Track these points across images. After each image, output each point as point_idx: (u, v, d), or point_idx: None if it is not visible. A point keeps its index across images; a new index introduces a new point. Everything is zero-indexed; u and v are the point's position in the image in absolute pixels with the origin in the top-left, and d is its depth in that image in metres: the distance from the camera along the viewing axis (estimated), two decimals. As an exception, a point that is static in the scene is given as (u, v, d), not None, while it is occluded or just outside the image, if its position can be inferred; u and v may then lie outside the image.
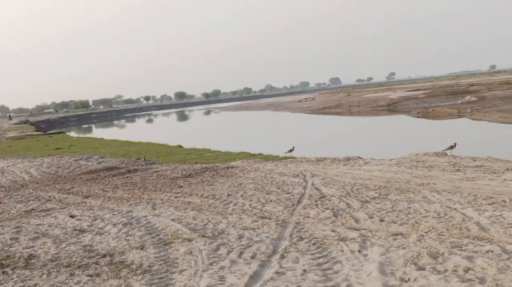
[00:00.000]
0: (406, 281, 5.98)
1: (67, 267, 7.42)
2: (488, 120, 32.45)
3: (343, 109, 59.03)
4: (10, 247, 8.74)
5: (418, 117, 40.74)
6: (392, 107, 53.30)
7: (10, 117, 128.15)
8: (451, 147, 17.11)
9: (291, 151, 19.88)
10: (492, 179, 11.67)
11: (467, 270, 6.12)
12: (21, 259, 8.01)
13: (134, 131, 63.21)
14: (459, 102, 45.86)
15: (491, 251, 6.70)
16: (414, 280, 5.98)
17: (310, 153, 19.30)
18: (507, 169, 12.86)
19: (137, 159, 21.15)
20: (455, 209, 9.06)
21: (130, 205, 11.78)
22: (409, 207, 9.47)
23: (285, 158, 18.82)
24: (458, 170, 13.18)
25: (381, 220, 8.76)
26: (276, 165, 16.73)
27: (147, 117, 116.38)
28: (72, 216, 10.85)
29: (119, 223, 9.91)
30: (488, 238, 7.36)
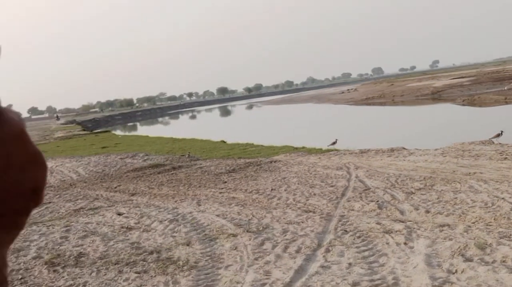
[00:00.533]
0: (453, 273, 5.92)
1: (115, 264, 7.58)
2: (536, 106, 31.67)
3: (386, 100, 58.38)
4: (60, 246, 8.96)
5: (463, 105, 40.00)
6: (436, 96, 52.46)
7: (57, 118, 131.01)
8: (498, 135, 16.75)
9: (334, 143, 19.79)
10: (541, 167, 11.41)
11: (516, 261, 6.02)
12: (71, 257, 8.21)
13: (178, 128, 63.78)
14: (505, 88, 44.77)
15: (541, 241, 6.57)
16: (462, 271, 5.91)
17: (354, 145, 19.16)
18: (557, 155, 12.54)
19: (181, 155, 21.36)
20: (502, 198, 8.89)
21: (176, 201, 11.93)
22: (456, 198, 9.34)
23: (328, 150, 18.74)
24: (506, 158, 12.91)
25: (427, 211, 8.66)
26: (320, 158, 16.68)
27: (190, 114, 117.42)
28: (119, 214, 11.05)
29: (165, 220, 10.05)
30: (537, 228, 7.21)
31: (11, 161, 0.39)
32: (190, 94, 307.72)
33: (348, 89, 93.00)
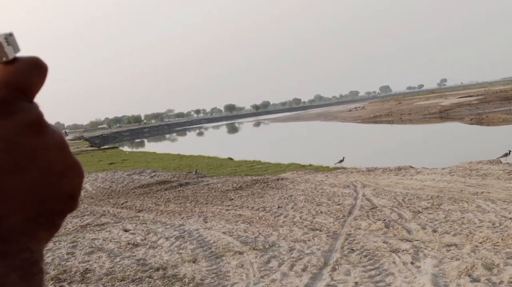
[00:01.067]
0: (460, 293, 5.89)
1: (121, 281, 7.58)
2: (544, 125, 31.57)
3: (394, 118, 58.41)
4: (67, 262, 8.97)
5: (471, 124, 39.95)
6: (444, 115, 52.43)
7: (66, 134, 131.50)
8: (506, 154, 16.71)
9: (341, 161, 19.78)
10: (549, 187, 11.36)
11: (523, 281, 5.98)
12: (77, 273, 8.21)
13: (185, 145, 63.92)
14: (514, 107, 44.72)
15: (549, 262, 6.53)
16: (469, 292, 5.88)
17: (361, 163, 19.15)
18: None
19: (188, 172, 21.40)
20: (510, 218, 8.84)
21: (182, 218, 11.93)
22: (463, 217, 9.30)
23: (336, 168, 18.74)
24: (514, 178, 12.87)
25: (434, 231, 8.63)
26: (327, 175, 16.66)
27: (197, 131, 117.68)
28: (126, 230, 11.06)
29: (171, 237, 10.04)
30: (545, 248, 7.17)
31: (53, 167, 0.44)
32: (197, 111, 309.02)
33: (356, 107, 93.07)
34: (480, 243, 7.75)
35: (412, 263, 7.09)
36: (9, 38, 0.45)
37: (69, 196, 0.47)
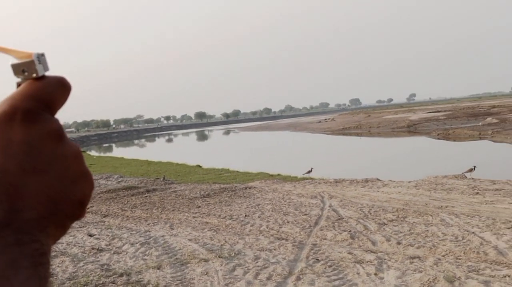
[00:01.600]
0: (422, 305, 5.96)
1: (84, 285, 7.50)
2: (509, 142, 32.11)
3: (363, 130, 58.88)
4: (29, 265, 8.82)
5: (438, 139, 40.47)
6: (412, 129, 53.04)
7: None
8: (471, 170, 16.97)
9: (309, 172, 19.87)
10: (511, 203, 11.57)
11: (483, 294, 6.08)
12: (39, 277, 8.09)
13: (154, 151, 63.54)
14: (480, 124, 45.49)
15: (509, 276, 6.65)
16: (430, 304, 5.96)
17: (329, 174, 19.27)
18: (527, 192, 12.74)
19: (156, 178, 21.28)
20: (473, 232, 9.00)
21: (148, 224, 11.86)
22: (427, 230, 9.43)
23: (304, 178, 18.82)
24: (477, 193, 13.08)
25: (398, 243, 8.73)
26: (294, 185, 16.73)
27: (167, 137, 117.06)
28: (90, 235, 10.95)
29: (136, 243, 9.98)
30: (506, 263, 7.30)
31: (68, 173, 0.51)
32: (167, 118, 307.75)
33: (326, 119, 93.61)
34: (443, 256, 7.86)
35: (375, 274, 7.15)
36: (41, 57, 0.52)
37: (79, 201, 0.52)
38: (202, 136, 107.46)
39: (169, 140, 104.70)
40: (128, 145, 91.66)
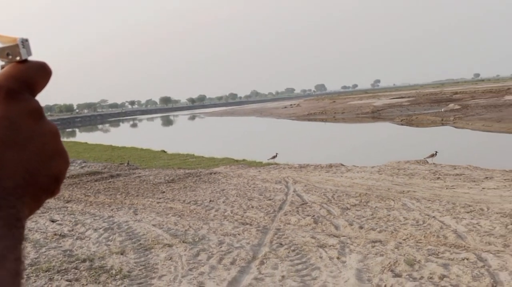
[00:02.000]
0: (382, 288, 6.07)
1: (46, 271, 7.42)
2: (470, 128, 32.69)
3: (327, 116, 59.18)
4: (-10, 252, 8.70)
5: (401, 124, 40.97)
6: (376, 115, 53.56)
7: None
8: (432, 155, 17.26)
9: (274, 157, 19.95)
10: (471, 187, 11.82)
11: (442, 277, 6.22)
12: None
13: (118, 136, 62.91)
14: (442, 110, 46.18)
15: (467, 259, 6.81)
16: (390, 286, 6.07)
17: (294, 159, 19.38)
18: (486, 177, 13.02)
19: (120, 163, 21.13)
20: (433, 216, 9.17)
21: (112, 210, 11.78)
22: (389, 215, 9.57)
23: (268, 164, 18.90)
24: (438, 178, 13.32)
25: (361, 227, 8.84)
26: (259, 171, 16.79)
27: (131, 122, 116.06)
28: (53, 221, 10.83)
29: (100, 228, 9.91)
30: (464, 246, 7.47)
31: (46, 149, 0.55)
32: (132, 103, 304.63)
33: (291, 104, 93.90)
34: (404, 240, 8.00)
35: (338, 258, 7.25)
36: (25, 42, 0.56)
37: (55, 177, 0.56)
38: (167, 122, 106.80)
39: (134, 125, 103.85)
40: (92, 130, 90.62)
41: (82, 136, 65.41)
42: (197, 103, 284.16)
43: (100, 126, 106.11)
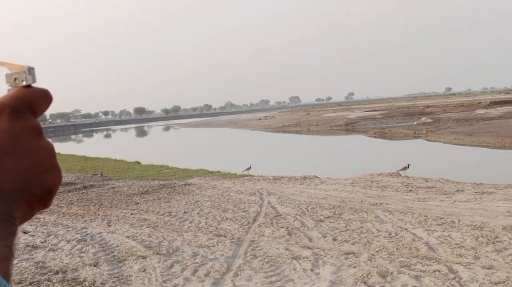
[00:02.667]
0: (355, 300, 6.12)
1: (18, 283, 7.34)
2: (442, 141, 33.11)
3: (302, 128, 59.45)
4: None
5: (375, 137, 41.32)
6: (350, 127, 53.93)
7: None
8: (405, 168, 17.46)
9: (248, 169, 20.00)
10: (442, 200, 11.99)
11: (414, 289, 6.30)
12: (-29, 275, 7.87)
13: (91, 147, 62.39)
14: (415, 123, 46.73)
15: (438, 271, 6.90)
16: (363, 298, 6.13)
17: (268, 171, 19.44)
18: (458, 190, 13.22)
19: (93, 174, 20.98)
20: (406, 229, 9.28)
21: (85, 221, 11.69)
22: (362, 227, 9.66)
23: (243, 175, 18.93)
24: (411, 190, 13.48)
25: (334, 239, 8.91)
26: (234, 182, 16.80)
27: (105, 133, 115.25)
28: (25, 232, 10.71)
29: (73, 240, 9.83)
30: (436, 258, 7.57)
31: (42, 162, 0.62)
32: (106, 113, 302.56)
33: (266, 116, 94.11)
34: (377, 251, 8.08)
35: (311, 270, 7.29)
36: (31, 70, 0.64)
37: (48, 188, 0.63)
38: (142, 132, 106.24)
39: (108, 136, 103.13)
40: (65, 140, 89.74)
41: (55, 147, 64.51)
42: (172, 114, 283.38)
43: (73, 136, 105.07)
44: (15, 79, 0.63)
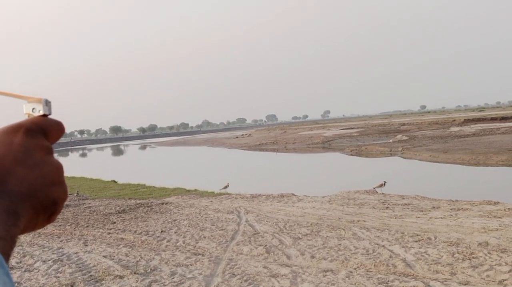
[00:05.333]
0: (334, 317, 6.14)
1: (-7, 305, 7.23)
2: (418, 159, 33.41)
3: (279, 146, 59.58)
4: None
5: (351, 155, 41.59)
6: (326, 145, 54.19)
7: None
8: (381, 185, 17.59)
9: (226, 187, 19.99)
10: (419, 217, 12.10)
11: (392, 305, 6.34)
12: None
13: (66, 166, 61.10)
14: (391, 141, 47.14)
15: (416, 287, 6.96)
16: (342, 315, 6.15)
17: (245, 189, 19.45)
18: (434, 207, 13.36)
19: (69, 194, 20.78)
20: (383, 245, 9.35)
21: (61, 241, 11.58)
22: (340, 244, 9.70)
23: (220, 194, 18.91)
24: (387, 207, 13.59)
25: (312, 257, 8.94)
26: (211, 201, 16.78)
27: (81, 152, 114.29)
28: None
29: (49, 260, 9.72)
30: (413, 274, 7.64)
31: (50, 176, 0.68)
32: (81, 132, 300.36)
33: (243, 134, 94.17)
34: (355, 268, 8.12)
35: (290, 287, 7.30)
36: (48, 103, 0.73)
37: (53, 199, 0.69)
38: (118, 151, 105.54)
39: (83, 155, 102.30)
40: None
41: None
42: (148, 133, 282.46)
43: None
44: (33, 109, 0.72)
